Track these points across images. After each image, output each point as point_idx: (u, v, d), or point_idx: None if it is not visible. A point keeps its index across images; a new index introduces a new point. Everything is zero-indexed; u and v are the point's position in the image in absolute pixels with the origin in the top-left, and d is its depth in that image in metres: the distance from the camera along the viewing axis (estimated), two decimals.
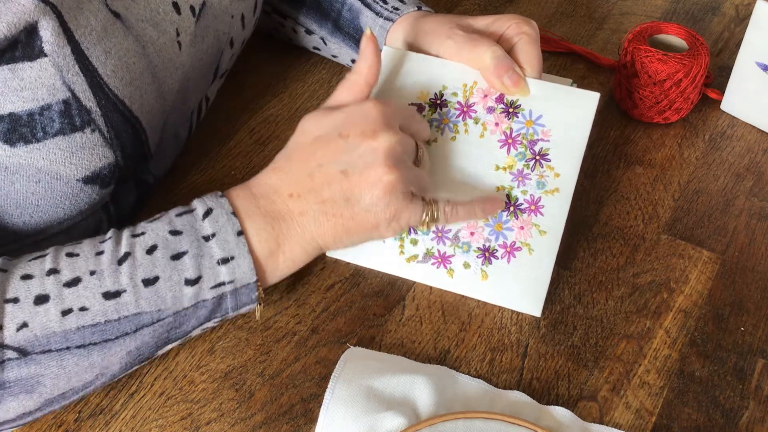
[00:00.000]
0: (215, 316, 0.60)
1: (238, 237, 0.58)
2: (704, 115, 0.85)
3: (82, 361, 0.55)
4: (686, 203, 0.76)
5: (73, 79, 0.56)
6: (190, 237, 0.58)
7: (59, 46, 0.55)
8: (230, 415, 0.60)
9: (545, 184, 0.67)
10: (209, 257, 0.58)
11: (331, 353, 0.64)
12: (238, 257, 0.58)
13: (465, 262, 0.68)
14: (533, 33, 0.69)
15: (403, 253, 0.68)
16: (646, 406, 0.62)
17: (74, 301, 0.55)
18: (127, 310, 0.56)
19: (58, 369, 0.55)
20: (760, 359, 0.64)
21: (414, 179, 0.62)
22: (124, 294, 0.56)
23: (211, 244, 0.58)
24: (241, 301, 0.60)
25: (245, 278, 0.59)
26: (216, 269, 0.58)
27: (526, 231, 0.67)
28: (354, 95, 0.64)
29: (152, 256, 0.57)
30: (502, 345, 0.65)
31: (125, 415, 0.60)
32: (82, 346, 0.55)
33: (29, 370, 0.54)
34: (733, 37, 0.94)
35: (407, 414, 0.57)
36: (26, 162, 0.56)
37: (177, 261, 0.57)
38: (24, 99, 0.55)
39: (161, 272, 0.57)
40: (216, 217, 0.59)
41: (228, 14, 0.71)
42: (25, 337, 0.53)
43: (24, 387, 0.54)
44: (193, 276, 0.57)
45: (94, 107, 0.58)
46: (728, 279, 0.70)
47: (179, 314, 0.58)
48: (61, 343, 0.54)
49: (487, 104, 0.68)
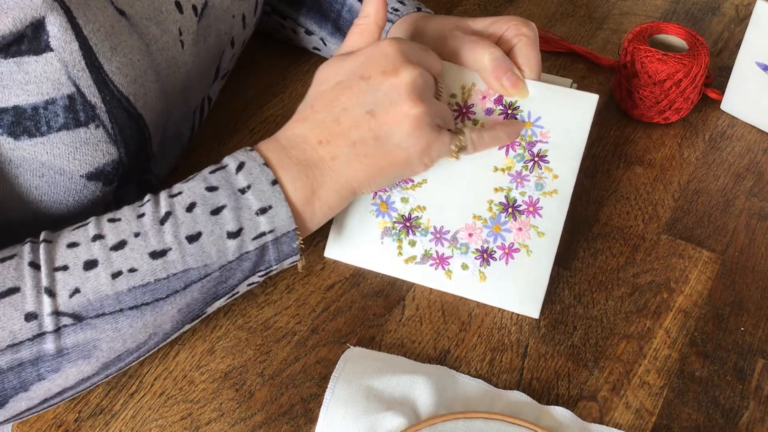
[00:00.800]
0: (259, 269, 0.60)
1: (273, 186, 0.59)
2: (704, 115, 0.85)
3: (136, 322, 0.56)
4: (686, 203, 0.76)
5: (78, 74, 0.56)
6: (226, 191, 0.59)
7: (66, 42, 0.55)
8: (230, 415, 0.60)
9: (544, 185, 0.67)
10: (247, 209, 0.58)
11: (331, 353, 0.64)
12: (276, 206, 0.59)
13: (463, 263, 0.68)
14: (532, 35, 0.69)
15: (401, 254, 0.69)
16: (646, 406, 0.62)
17: (123, 264, 0.56)
18: (174, 267, 0.57)
19: (113, 332, 0.56)
20: (760, 359, 0.64)
21: (438, 111, 0.62)
22: (170, 252, 0.57)
23: (248, 195, 0.59)
24: (282, 251, 0.60)
25: (284, 226, 0.59)
26: (255, 220, 0.58)
27: (524, 232, 0.67)
28: (366, 39, 0.64)
29: (192, 213, 0.58)
30: (502, 345, 0.65)
31: (125, 415, 0.60)
32: (135, 307, 0.56)
33: (85, 335, 0.55)
34: (733, 37, 0.94)
35: (407, 414, 0.57)
36: (30, 156, 0.57)
37: (217, 215, 0.58)
38: (29, 93, 0.55)
39: (203, 227, 0.58)
40: (249, 169, 0.59)
41: (229, 14, 0.71)
42: (78, 303, 0.54)
43: (81, 352, 0.55)
44: (234, 228, 0.58)
45: (99, 103, 0.58)
46: (728, 279, 0.70)
47: (225, 268, 0.59)
48: (114, 305, 0.55)
49: (485, 106, 0.68)
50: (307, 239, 0.72)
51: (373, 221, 0.69)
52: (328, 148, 0.61)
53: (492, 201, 0.67)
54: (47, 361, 0.54)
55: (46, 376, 0.55)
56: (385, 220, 0.69)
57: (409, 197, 0.69)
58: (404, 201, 0.69)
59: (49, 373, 0.55)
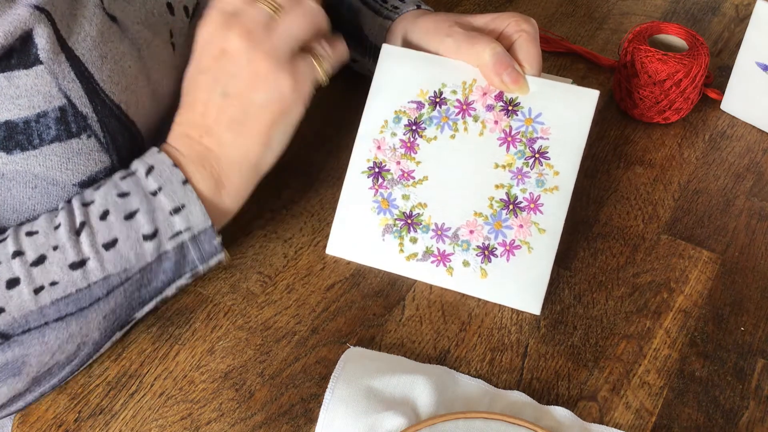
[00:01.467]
0: (184, 270, 0.61)
1: (185, 186, 0.60)
2: (704, 115, 0.85)
3: (62, 333, 0.57)
4: (686, 203, 0.76)
5: (68, 85, 0.56)
6: (138, 195, 0.59)
7: (54, 53, 0.55)
8: (230, 415, 0.60)
9: (545, 182, 0.67)
10: (161, 210, 0.59)
11: (331, 353, 0.64)
12: (189, 204, 0.60)
13: (464, 260, 0.68)
14: (533, 31, 0.69)
15: (402, 251, 0.69)
16: (646, 406, 0.62)
17: (44, 278, 0.56)
18: (95, 275, 0.57)
19: (40, 345, 0.56)
20: (760, 359, 0.64)
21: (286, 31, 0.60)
22: (88, 262, 0.57)
23: (160, 197, 0.59)
24: (204, 249, 0.61)
25: (200, 224, 0.60)
26: (170, 220, 0.59)
27: (525, 229, 0.67)
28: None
29: (106, 220, 0.58)
30: (502, 345, 0.65)
31: (125, 415, 0.60)
32: (59, 319, 0.56)
33: (13, 352, 0.55)
34: (733, 37, 0.94)
35: (407, 414, 0.57)
36: (23, 169, 0.57)
37: (131, 220, 0.59)
38: (20, 107, 0.55)
39: (118, 233, 0.58)
40: (159, 171, 0.60)
41: None
42: (4, 322, 0.54)
43: (11, 370, 0.56)
44: (150, 231, 0.59)
45: (90, 113, 0.58)
46: (728, 279, 0.70)
47: (145, 270, 0.59)
48: (38, 319, 0.56)
49: (486, 102, 0.68)
50: (307, 240, 0.72)
51: (374, 218, 0.69)
52: (211, 139, 0.61)
53: (493, 198, 0.68)
54: None
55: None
56: (386, 217, 0.69)
57: (411, 194, 0.69)
58: (405, 198, 0.69)
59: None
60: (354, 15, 0.78)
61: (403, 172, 0.69)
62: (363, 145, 0.70)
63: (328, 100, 0.85)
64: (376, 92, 0.70)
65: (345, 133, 0.82)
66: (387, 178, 0.69)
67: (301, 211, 0.74)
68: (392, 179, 0.69)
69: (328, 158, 0.79)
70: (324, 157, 0.79)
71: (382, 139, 0.70)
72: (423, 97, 0.69)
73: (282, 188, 0.76)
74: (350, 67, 0.83)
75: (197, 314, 0.66)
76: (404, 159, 0.69)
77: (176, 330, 0.65)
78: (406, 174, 0.69)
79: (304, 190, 0.76)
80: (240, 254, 0.71)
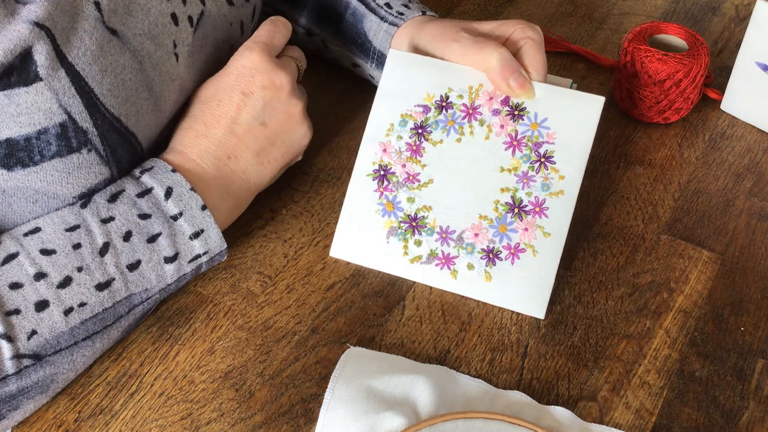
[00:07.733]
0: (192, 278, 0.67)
1: (204, 211, 0.63)
2: (704, 115, 0.85)
3: (88, 351, 0.59)
4: (686, 203, 0.76)
5: (69, 101, 0.56)
6: (159, 219, 0.61)
7: (53, 69, 0.55)
8: (230, 415, 0.60)
9: (550, 186, 0.67)
10: (182, 234, 0.62)
11: (331, 353, 0.64)
12: (207, 229, 0.63)
13: (469, 263, 0.68)
14: (538, 38, 0.70)
15: (407, 254, 0.68)
16: (646, 406, 0.62)
17: (72, 300, 0.57)
18: (119, 295, 0.60)
19: (68, 364, 0.58)
20: (760, 359, 0.64)
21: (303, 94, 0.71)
22: (114, 282, 0.59)
23: (180, 222, 0.62)
24: (214, 262, 0.66)
25: (217, 247, 0.64)
26: (189, 244, 0.62)
27: (530, 233, 0.67)
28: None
29: (130, 242, 0.60)
30: (502, 345, 0.65)
31: (125, 415, 0.60)
32: (87, 338, 0.58)
33: (44, 371, 0.57)
34: (733, 37, 0.94)
35: (407, 414, 0.57)
36: (24, 185, 0.57)
37: (153, 243, 0.61)
38: (21, 124, 0.55)
39: (142, 255, 0.60)
40: (179, 195, 0.62)
41: (227, 22, 0.71)
42: (37, 344, 0.56)
43: (40, 388, 0.57)
44: (171, 254, 0.62)
45: (91, 128, 0.58)
46: (728, 279, 0.70)
47: (164, 290, 0.63)
48: (69, 340, 0.57)
49: (492, 106, 0.68)
50: (307, 240, 0.72)
51: (379, 221, 0.69)
52: (237, 163, 0.66)
53: (498, 201, 0.68)
54: (8, 401, 0.55)
55: (6, 415, 0.56)
56: (391, 219, 0.69)
57: (416, 197, 0.69)
58: (410, 201, 0.69)
59: (9, 412, 0.56)
60: (358, 20, 0.78)
61: (408, 175, 0.69)
62: (369, 148, 0.70)
63: (328, 101, 0.85)
64: (382, 96, 0.70)
65: (345, 133, 0.82)
66: (392, 180, 0.69)
67: (301, 211, 0.74)
68: (397, 182, 0.69)
69: (328, 158, 0.79)
70: (324, 157, 0.79)
71: (387, 142, 0.70)
72: (429, 101, 0.69)
73: (282, 188, 0.76)
74: (349, 71, 0.83)
75: (197, 314, 0.66)
76: (410, 162, 0.69)
77: (176, 330, 0.65)
78: (411, 177, 0.69)
79: (304, 190, 0.76)
80: (240, 254, 0.71)
